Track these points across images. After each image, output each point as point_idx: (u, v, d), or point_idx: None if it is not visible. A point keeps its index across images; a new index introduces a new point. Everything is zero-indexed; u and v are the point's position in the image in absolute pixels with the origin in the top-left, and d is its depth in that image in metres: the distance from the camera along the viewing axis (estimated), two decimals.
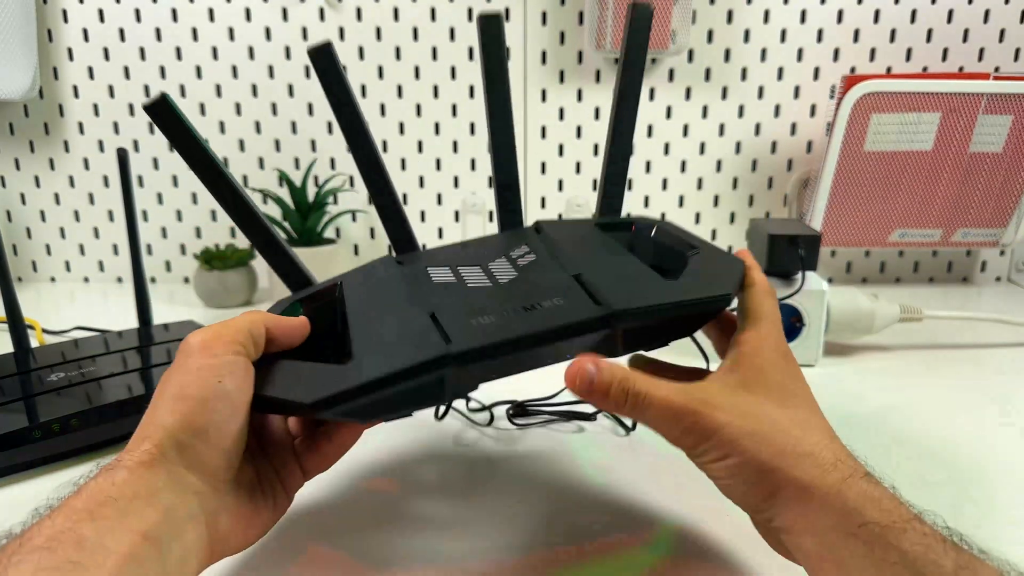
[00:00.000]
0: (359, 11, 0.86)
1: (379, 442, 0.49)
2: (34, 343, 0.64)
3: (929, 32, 0.86)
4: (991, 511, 0.41)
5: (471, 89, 0.88)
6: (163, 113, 0.38)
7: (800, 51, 0.87)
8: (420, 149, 0.90)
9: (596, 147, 0.90)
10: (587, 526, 0.39)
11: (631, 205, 0.92)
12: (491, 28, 0.43)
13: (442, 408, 0.53)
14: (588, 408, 0.53)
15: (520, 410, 0.53)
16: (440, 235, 0.93)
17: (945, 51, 0.87)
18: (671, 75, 0.88)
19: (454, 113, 0.89)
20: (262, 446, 0.35)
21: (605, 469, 0.46)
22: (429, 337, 0.33)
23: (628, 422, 0.52)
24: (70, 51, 0.87)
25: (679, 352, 0.40)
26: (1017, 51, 0.87)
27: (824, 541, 0.27)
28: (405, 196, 0.92)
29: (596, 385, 0.30)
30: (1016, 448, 0.49)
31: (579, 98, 0.89)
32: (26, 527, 0.26)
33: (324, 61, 0.41)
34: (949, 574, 0.24)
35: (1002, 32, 0.86)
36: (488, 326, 0.33)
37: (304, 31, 0.86)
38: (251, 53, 0.87)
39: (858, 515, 0.26)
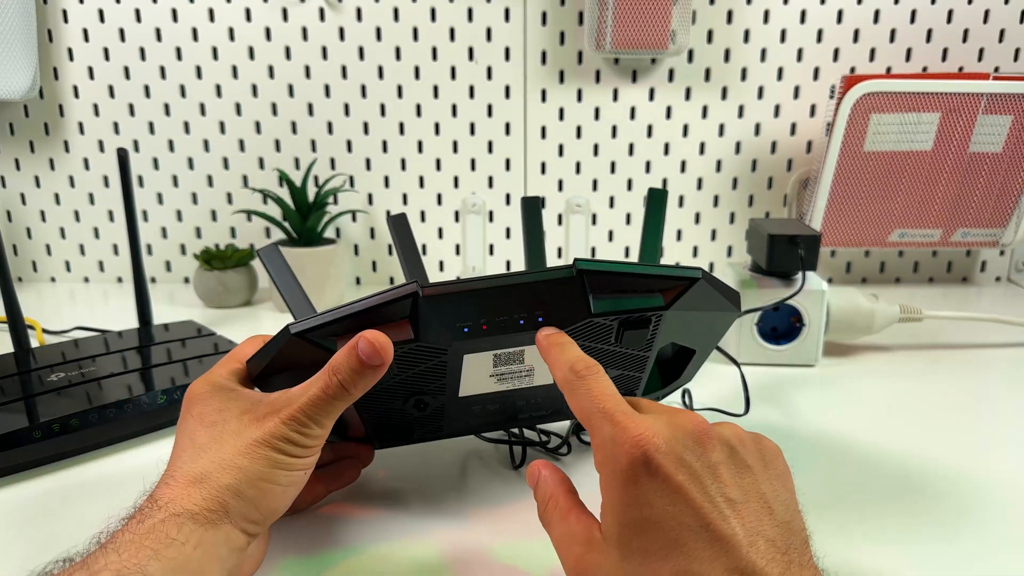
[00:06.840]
0: (359, 11, 0.86)
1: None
2: (34, 343, 0.64)
3: (929, 32, 0.86)
4: (991, 511, 0.41)
5: (471, 89, 0.88)
6: (399, 227, 0.45)
7: (800, 51, 0.87)
8: (420, 149, 0.90)
9: (596, 147, 0.90)
10: None
11: (629, 206, 0.92)
12: (530, 208, 0.47)
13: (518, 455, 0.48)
14: None
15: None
16: (440, 235, 0.93)
17: (945, 51, 0.87)
18: (671, 75, 0.88)
19: (454, 113, 0.89)
20: None
21: None
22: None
23: None
24: (70, 51, 0.87)
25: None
26: (1017, 51, 0.87)
27: None
28: (405, 196, 0.92)
29: (535, 489, 0.33)
30: (1016, 448, 0.49)
31: (579, 98, 0.89)
32: (88, 553, 0.28)
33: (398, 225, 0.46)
34: None
35: (1002, 32, 0.86)
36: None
37: (304, 31, 0.86)
38: (251, 53, 0.87)
39: None
